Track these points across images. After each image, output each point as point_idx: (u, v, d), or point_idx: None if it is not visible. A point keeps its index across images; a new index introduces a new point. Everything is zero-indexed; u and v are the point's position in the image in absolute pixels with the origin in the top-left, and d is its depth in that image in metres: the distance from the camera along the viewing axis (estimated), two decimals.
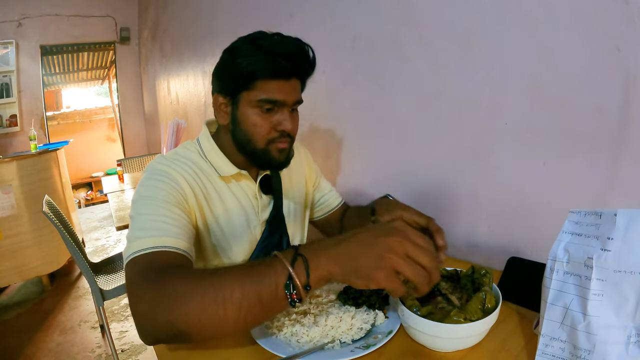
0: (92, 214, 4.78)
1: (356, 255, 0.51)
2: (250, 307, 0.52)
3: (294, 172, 1.01)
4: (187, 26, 2.83)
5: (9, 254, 2.49)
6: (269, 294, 0.52)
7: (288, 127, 0.79)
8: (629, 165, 0.67)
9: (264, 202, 0.91)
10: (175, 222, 0.69)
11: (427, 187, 1.07)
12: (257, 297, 0.52)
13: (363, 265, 0.50)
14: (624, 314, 0.47)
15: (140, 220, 0.68)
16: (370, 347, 0.60)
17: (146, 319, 0.54)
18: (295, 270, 0.51)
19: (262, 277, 0.52)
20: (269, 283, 0.52)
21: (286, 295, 0.51)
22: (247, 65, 0.74)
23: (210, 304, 0.51)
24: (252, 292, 0.52)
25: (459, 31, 0.91)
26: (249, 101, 0.77)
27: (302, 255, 0.52)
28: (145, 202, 0.71)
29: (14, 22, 4.11)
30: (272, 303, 0.52)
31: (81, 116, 6.82)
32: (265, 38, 0.75)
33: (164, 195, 0.72)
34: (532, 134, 0.80)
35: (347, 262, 0.51)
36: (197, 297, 0.52)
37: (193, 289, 0.53)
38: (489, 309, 0.58)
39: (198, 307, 0.51)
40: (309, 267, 0.51)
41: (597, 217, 0.49)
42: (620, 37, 0.65)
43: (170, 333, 0.53)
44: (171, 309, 0.52)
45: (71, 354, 1.98)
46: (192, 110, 2.92)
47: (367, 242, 0.51)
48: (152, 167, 0.79)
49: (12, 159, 2.51)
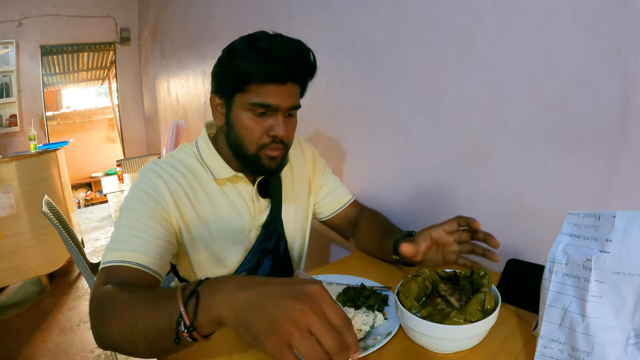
0: (91, 214, 4.78)
1: (253, 309, 0.43)
2: (153, 338, 0.52)
3: (297, 174, 0.99)
4: (187, 27, 2.83)
5: (8, 254, 2.49)
6: (166, 327, 0.50)
7: (280, 132, 0.76)
8: (629, 167, 0.67)
9: (261, 205, 0.90)
10: (149, 236, 0.72)
11: (426, 188, 1.07)
12: (157, 330, 0.51)
13: (256, 323, 0.42)
14: (623, 316, 0.47)
15: (118, 232, 0.72)
16: (370, 348, 0.60)
17: (92, 327, 0.60)
18: (187, 309, 0.48)
19: (161, 311, 0.51)
20: (165, 318, 0.50)
21: (180, 331, 0.48)
22: (241, 67, 0.72)
23: (125, 329, 0.54)
24: (152, 324, 0.52)
25: (459, 32, 0.91)
26: (242, 104, 0.76)
27: (197, 293, 0.49)
28: (126, 214, 0.74)
29: (14, 21, 4.12)
30: (171, 336, 0.49)
31: (81, 116, 6.82)
32: (263, 39, 0.73)
33: (146, 210, 0.74)
34: (532, 135, 0.80)
35: (240, 312, 0.44)
36: (116, 320, 0.55)
37: (116, 312, 0.56)
38: (489, 310, 0.58)
39: (117, 329, 0.55)
40: (199, 306, 0.47)
41: (596, 219, 0.50)
42: (620, 39, 0.65)
43: (110, 344, 0.58)
44: (104, 325, 0.57)
45: (70, 354, 1.98)
46: (192, 111, 2.92)
47: (270, 299, 0.43)
48: (143, 173, 0.80)
49: (12, 159, 2.51)
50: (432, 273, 0.70)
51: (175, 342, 0.49)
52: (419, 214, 1.10)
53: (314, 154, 1.05)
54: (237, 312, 0.44)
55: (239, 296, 0.45)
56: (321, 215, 1.07)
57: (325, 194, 1.04)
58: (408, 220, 1.12)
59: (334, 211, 1.05)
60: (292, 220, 0.96)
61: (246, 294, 0.45)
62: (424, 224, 1.08)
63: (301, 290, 0.44)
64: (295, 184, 0.98)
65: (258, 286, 0.46)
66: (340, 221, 1.05)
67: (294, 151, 1.00)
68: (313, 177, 1.03)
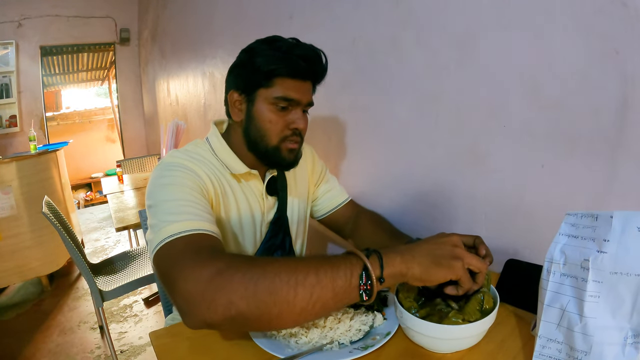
0: (91, 215, 4.77)
1: (432, 251, 0.57)
2: (321, 293, 0.51)
3: (299, 173, 1.02)
4: (186, 27, 2.83)
5: (9, 254, 2.49)
6: (342, 281, 0.52)
7: (301, 125, 0.83)
8: (627, 168, 0.68)
9: (269, 203, 0.93)
10: (204, 208, 0.69)
11: (425, 188, 1.08)
12: (331, 284, 0.52)
13: (441, 256, 0.56)
14: (621, 316, 0.47)
15: (167, 206, 0.66)
16: (369, 348, 0.60)
17: (201, 299, 0.51)
18: (371, 263, 0.54)
19: (338, 266, 0.53)
20: (344, 271, 0.53)
21: (360, 285, 0.53)
22: (267, 63, 0.77)
23: (281, 286, 0.51)
24: (326, 278, 0.52)
25: (458, 33, 0.91)
26: (266, 98, 0.80)
27: (377, 251, 0.56)
28: (168, 190, 0.70)
29: (14, 22, 4.12)
30: (344, 292, 0.53)
31: (81, 117, 6.82)
32: (282, 41, 0.80)
33: (187, 184, 0.72)
34: (531, 136, 0.81)
35: (425, 257, 0.56)
36: (268, 278, 0.51)
37: (263, 270, 0.52)
38: (487, 310, 0.59)
39: (268, 288, 0.50)
40: (383, 262, 0.55)
41: (594, 219, 0.50)
42: (619, 39, 0.66)
43: (227, 314, 0.50)
44: (235, 288, 0.50)
45: (70, 355, 1.98)
46: (192, 112, 2.92)
47: (436, 243, 0.59)
48: (168, 161, 0.77)
49: (12, 159, 2.51)
50: None
51: (361, 296, 0.54)
52: (418, 214, 1.10)
53: (313, 154, 1.08)
54: (421, 259, 0.56)
55: (415, 251, 0.57)
56: (318, 214, 1.09)
57: (322, 192, 1.07)
58: (407, 220, 1.12)
59: (329, 210, 1.07)
60: (295, 217, 0.99)
61: (419, 248, 0.58)
62: (423, 225, 1.08)
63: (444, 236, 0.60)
64: (297, 182, 1.01)
65: (420, 243, 0.59)
66: (337, 220, 1.08)
67: None
68: (312, 177, 1.06)
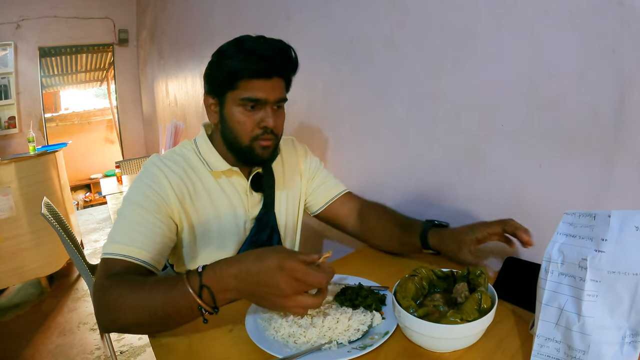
0: (90, 216, 4.77)
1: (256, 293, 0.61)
2: (172, 320, 0.65)
3: (289, 170, 1.02)
4: (185, 28, 2.83)
5: (8, 256, 2.48)
6: (186, 311, 0.63)
7: (270, 123, 0.83)
8: (624, 167, 0.68)
9: (254, 199, 0.94)
10: (150, 232, 0.77)
11: (423, 188, 1.08)
12: (177, 314, 0.63)
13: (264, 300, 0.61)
14: (619, 315, 0.48)
15: (120, 224, 0.78)
16: (367, 347, 0.61)
17: (98, 314, 0.69)
18: (204, 301, 0.61)
19: (179, 301, 0.62)
20: (185, 306, 0.62)
21: (201, 314, 0.63)
22: (230, 66, 0.79)
23: (140, 316, 0.64)
24: (171, 311, 0.63)
25: (455, 33, 0.91)
26: (234, 100, 0.82)
27: (208, 287, 0.61)
28: (129, 207, 0.79)
29: (13, 23, 4.10)
30: (190, 317, 0.64)
31: (80, 118, 6.80)
32: (248, 40, 0.80)
33: (148, 204, 0.79)
34: (528, 135, 0.81)
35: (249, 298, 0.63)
36: (129, 311, 0.64)
37: (128, 302, 0.65)
38: (485, 309, 0.59)
39: (131, 318, 0.65)
40: (214, 296, 0.61)
41: (591, 219, 0.50)
42: (615, 38, 0.66)
43: (115, 328, 0.70)
44: (113, 314, 0.66)
45: (70, 356, 1.98)
46: (191, 112, 2.92)
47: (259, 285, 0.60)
48: (146, 167, 0.85)
49: (11, 160, 2.50)
50: (429, 273, 0.70)
51: (204, 322, 0.64)
52: (416, 214, 1.10)
53: (306, 151, 1.08)
54: (246, 296, 0.62)
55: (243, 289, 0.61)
56: (314, 209, 1.06)
57: (316, 185, 1.05)
58: None
59: (325, 203, 1.04)
60: (284, 213, 1.00)
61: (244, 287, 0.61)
62: None
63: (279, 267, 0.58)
64: (286, 180, 1.01)
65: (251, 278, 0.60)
66: (336, 214, 1.04)
67: (287, 150, 1.04)
68: (304, 173, 1.05)
